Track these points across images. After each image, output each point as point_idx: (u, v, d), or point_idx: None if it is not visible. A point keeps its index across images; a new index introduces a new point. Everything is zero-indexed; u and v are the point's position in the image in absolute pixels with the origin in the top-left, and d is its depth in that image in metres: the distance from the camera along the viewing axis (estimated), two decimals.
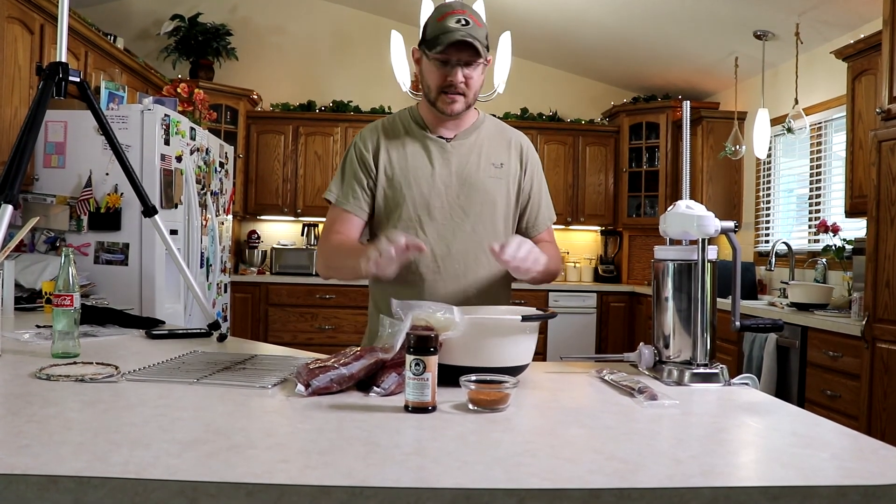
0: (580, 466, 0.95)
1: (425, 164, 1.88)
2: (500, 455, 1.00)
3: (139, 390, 1.35)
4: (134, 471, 0.88)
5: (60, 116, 3.61)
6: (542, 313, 1.51)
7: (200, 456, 0.95)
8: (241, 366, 1.61)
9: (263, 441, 1.04)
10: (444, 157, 1.89)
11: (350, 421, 1.16)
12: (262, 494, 0.85)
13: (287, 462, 0.94)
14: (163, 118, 3.68)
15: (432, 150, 1.89)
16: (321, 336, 5.84)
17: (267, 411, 1.23)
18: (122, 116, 3.62)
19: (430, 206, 1.87)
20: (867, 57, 3.75)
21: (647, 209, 6.42)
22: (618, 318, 6.15)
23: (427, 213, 1.86)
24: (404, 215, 1.87)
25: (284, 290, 5.94)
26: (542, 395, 1.44)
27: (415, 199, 1.86)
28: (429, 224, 1.86)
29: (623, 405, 1.34)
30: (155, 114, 3.63)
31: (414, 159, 1.88)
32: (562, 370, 1.70)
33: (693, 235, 1.59)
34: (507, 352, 1.45)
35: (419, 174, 1.87)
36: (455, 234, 1.88)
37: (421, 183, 1.87)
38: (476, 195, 1.89)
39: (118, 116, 3.61)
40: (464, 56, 1.77)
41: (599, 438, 1.10)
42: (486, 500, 0.85)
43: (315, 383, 1.31)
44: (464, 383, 1.27)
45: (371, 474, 0.89)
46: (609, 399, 1.39)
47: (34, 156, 3.60)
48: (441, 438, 1.07)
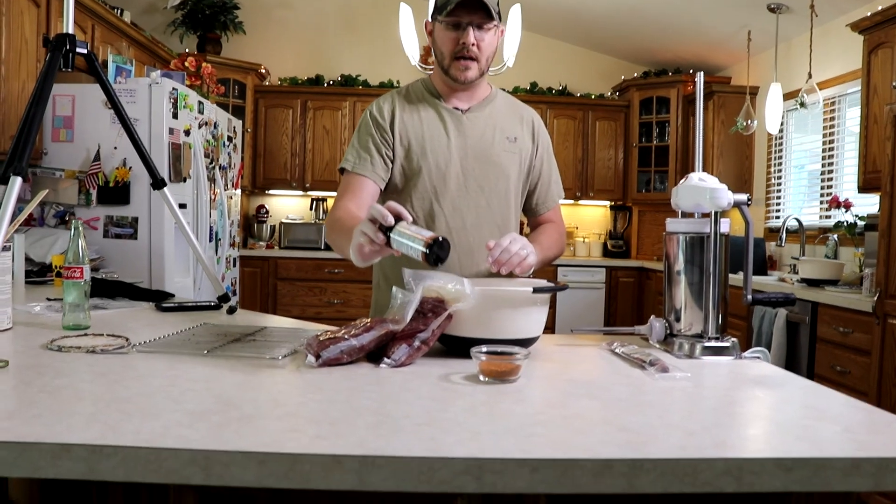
0: (592, 437, 0.95)
1: (441, 135, 1.87)
2: (512, 425, 0.99)
3: (150, 362, 1.35)
4: (146, 440, 0.88)
5: (68, 90, 3.60)
6: (553, 285, 1.51)
7: (211, 426, 0.95)
8: (251, 338, 1.61)
9: (274, 411, 1.04)
10: (460, 129, 1.88)
11: (361, 392, 1.16)
12: (274, 463, 0.85)
13: (298, 432, 0.94)
14: (171, 92, 3.66)
15: (448, 120, 1.88)
16: (330, 310, 5.85)
17: (277, 382, 1.23)
18: (130, 90, 3.61)
19: (446, 178, 1.85)
20: (884, 29, 3.69)
21: (656, 184, 6.39)
22: (626, 293, 6.14)
23: (443, 184, 1.85)
24: (420, 186, 1.85)
25: (293, 265, 5.95)
26: (553, 367, 1.44)
27: (431, 169, 1.85)
28: (444, 196, 1.85)
29: (634, 377, 1.33)
30: (163, 87, 3.61)
31: (430, 128, 1.87)
32: (572, 343, 1.70)
33: (705, 208, 1.58)
34: (518, 323, 1.44)
35: (435, 144, 1.86)
36: (470, 207, 1.87)
37: (437, 153, 1.85)
38: (491, 169, 1.88)
39: (126, 90, 3.60)
40: (475, 18, 1.76)
41: (611, 410, 1.09)
42: (498, 469, 0.85)
43: (325, 354, 1.31)
44: (475, 354, 1.27)
45: (382, 444, 0.89)
46: (620, 371, 1.39)
47: (42, 130, 3.59)
48: (452, 409, 1.07)
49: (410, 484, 0.85)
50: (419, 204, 1.86)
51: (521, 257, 1.61)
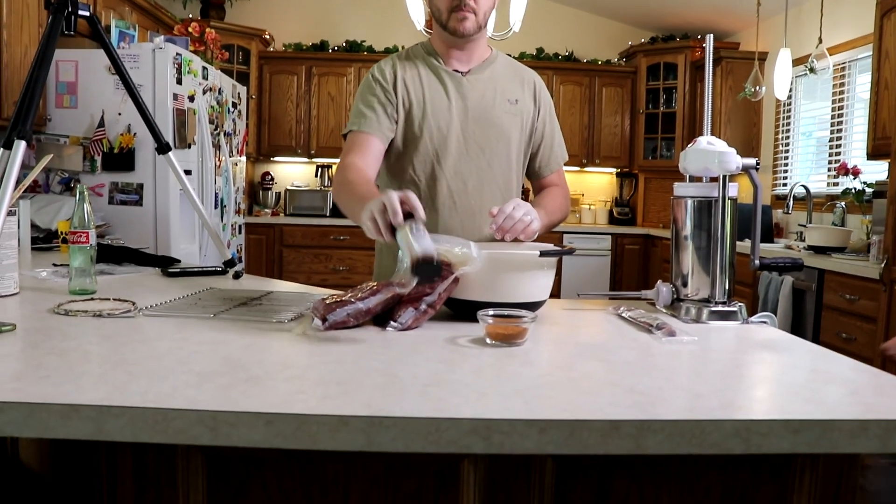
0: (600, 398, 0.95)
1: (442, 97, 1.85)
2: (519, 387, 0.99)
3: (156, 325, 1.35)
4: (153, 400, 0.88)
5: (71, 56, 3.57)
6: (559, 249, 1.50)
7: (219, 387, 0.95)
8: (258, 302, 1.61)
9: (281, 373, 1.04)
10: (460, 91, 1.86)
11: (367, 354, 1.16)
12: (281, 423, 0.85)
13: (305, 393, 0.94)
14: (174, 57, 3.63)
15: (448, 83, 1.86)
16: (335, 277, 5.87)
17: (284, 345, 1.23)
18: (133, 55, 3.58)
19: (447, 140, 1.84)
20: None
21: (663, 151, 6.35)
22: (632, 260, 6.13)
23: (444, 146, 1.84)
24: (421, 149, 1.84)
25: (298, 232, 5.95)
26: (560, 331, 1.43)
27: (432, 131, 1.84)
28: (445, 158, 1.84)
29: (641, 341, 1.33)
30: (166, 52, 3.58)
31: (431, 91, 1.85)
32: (578, 307, 1.70)
33: (714, 172, 1.56)
34: (525, 287, 1.44)
35: (436, 106, 1.84)
36: (471, 169, 1.86)
37: (438, 115, 1.84)
38: (492, 131, 1.86)
39: (129, 55, 3.57)
40: None
41: (618, 372, 1.09)
42: (506, 430, 0.85)
43: (332, 317, 1.31)
44: (481, 317, 1.26)
45: (390, 404, 0.89)
46: (627, 335, 1.39)
47: (46, 96, 3.57)
48: (459, 371, 1.07)
49: (418, 444, 0.85)
50: (420, 167, 1.84)
51: (525, 223, 1.60)
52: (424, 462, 1.05)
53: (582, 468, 1.06)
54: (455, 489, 1.05)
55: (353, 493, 1.05)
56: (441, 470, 1.05)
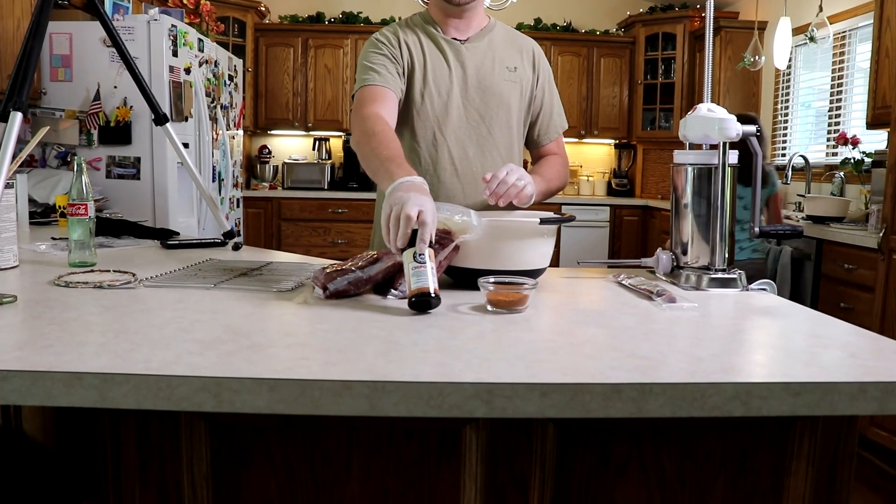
0: (601, 363, 0.95)
1: (442, 64, 1.84)
2: (521, 352, 1.00)
3: (157, 295, 1.35)
4: (157, 368, 0.89)
5: (65, 28, 3.54)
6: (559, 216, 1.50)
7: (221, 354, 0.95)
8: (258, 272, 1.61)
9: (283, 340, 1.04)
10: (459, 59, 1.85)
11: (369, 321, 1.16)
12: (284, 389, 0.85)
13: (307, 359, 0.94)
14: (170, 29, 3.60)
15: (447, 50, 1.85)
16: (334, 250, 5.86)
17: (285, 313, 1.23)
18: (128, 27, 3.54)
19: (448, 107, 1.84)
20: None
21: (661, 122, 6.32)
22: (631, 231, 6.13)
23: (445, 113, 1.84)
24: (423, 115, 1.83)
25: (296, 205, 5.94)
26: (560, 298, 1.44)
27: (433, 97, 1.83)
28: (447, 126, 1.84)
29: (641, 307, 1.33)
30: (162, 24, 3.55)
31: (431, 58, 1.84)
32: (578, 275, 1.70)
33: (714, 139, 1.56)
34: (525, 255, 1.44)
35: (437, 73, 1.84)
36: (471, 136, 1.85)
37: (439, 82, 1.83)
38: (492, 98, 1.86)
39: (124, 27, 3.53)
40: None
41: (619, 338, 1.10)
42: (508, 394, 0.85)
43: (332, 286, 1.31)
44: (482, 285, 1.27)
45: (392, 370, 0.90)
46: (627, 302, 1.39)
47: (40, 69, 3.54)
48: (461, 337, 1.07)
49: (421, 409, 0.85)
50: (422, 133, 1.84)
51: (518, 188, 1.59)
52: (426, 428, 1.05)
53: (583, 433, 1.06)
54: (457, 455, 1.06)
55: (355, 459, 1.06)
56: (443, 436, 1.05)
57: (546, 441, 1.05)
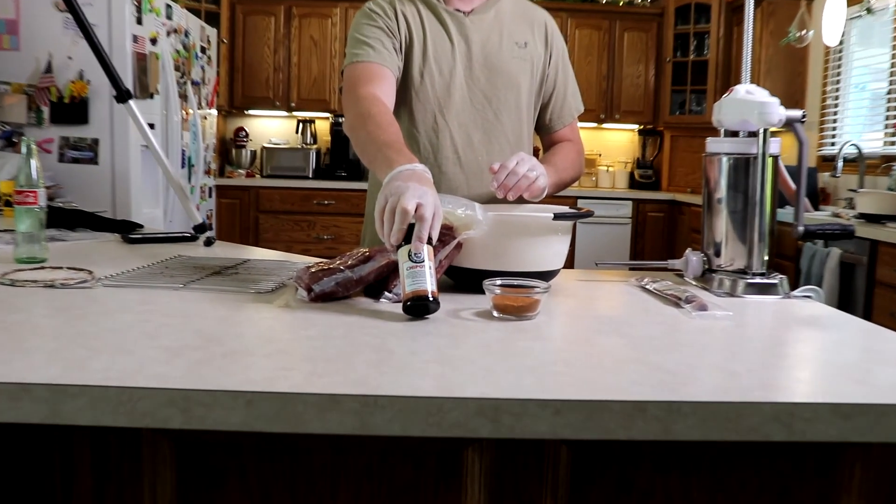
0: (622, 377, 0.96)
1: (444, 39, 1.84)
2: (531, 364, 1.00)
3: (118, 296, 1.35)
4: (117, 378, 0.89)
5: None
6: (575, 211, 1.50)
7: (192, 363, 0.95)
8: (233, 270, 1.61)
9: (263, 348, 1.04)
10: (463, 34, 1.85)
11: (360, 327, 1.16)
12: (264, 403, 0.86)
13: (290, 370, 0.94)
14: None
15: (449, 24, 1.85)
16: (319, 247, 5.88)
17: (265, 317, 1.23)
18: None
19: (450, 88, 1.84)
20: None
21: (692, 106, 6.33)
22: (656, 229, 6.14)
23: (447, 95, 1.84)
24: (422, 97, 1.84)
25: (277, 195, 5.95)
26: (576, 303, 1.44)
27: (434, 77, 1.83)
28: (449, 109, 1.84)
29: (668, 315, 1.34)
30: None
31: (432, 32, 1.84)
32: (596, 278, 1.70)
33: (753, 126, 1.56)
34: (537, 254, 1.44)
35: (438, 49, 1.84)
36: (476, 121, 1.86)
37: (441, 59, 1.84)
38: (499, 78, 1.86)
39: None
40: None
41: (643, 349, 1.10)
42: (517, 411, 0.86)
43: (318, 288, 1.32)
44: (488, 288, 1.27)
45: (386, 382, 0.90)
46: (652, 308, 1.39)
47: None
48: (463, 346, 1.08)
49: (418, 427, 0.85)
50: (421, 118, 1.84)
51: (530, 180, 1.60)
52: (423, 449, 1.06)
53: (601, 457, 1.06)
54: (457, 480, 1.06)
55: (343, 483, 1.06)
56: (442, 458, 1.05)
57: (559, 466, 1.06)
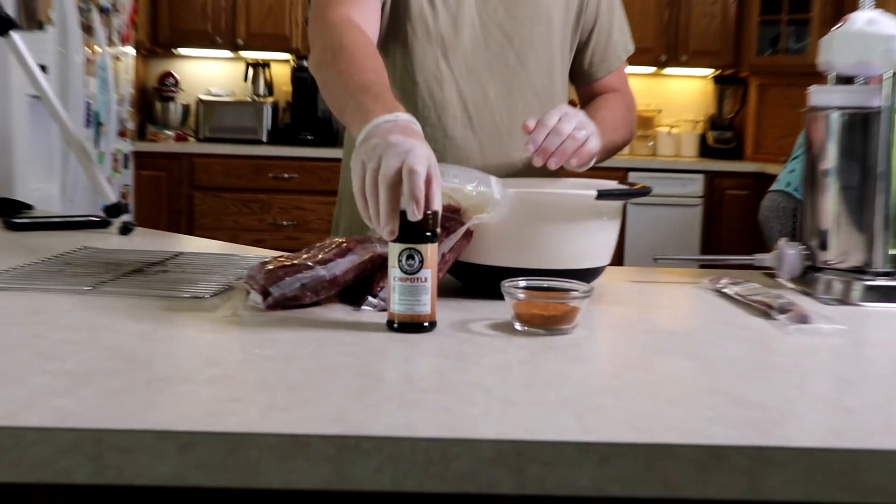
0: (692, 412, 0.96)
1: None
2: (567, 394, 1.00)
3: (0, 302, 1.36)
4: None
5: None
6: (626, 188, 1.50)
7: (104, 393, 0.95)
8: (161, 267, 1.62)
9: (202, 372, 1.05)
10: None
11: (334, 344, 1.17)
12: (204, 448, 0.85)
13: (241, 401, 0.95)
14: None
15: None
16: (277, 236, 5.87)
17: (205, 331, 1.24)
18: None
19: (457, 24, 1.84)
20: None
21: (789, 43, 6.32)
22: (736, 212, 6.13)
23: (453, 34, 1.84)
24: (420, 36, 1.84)
25: (219, 166, 5.94)
26: (627, 313, 1.45)
27: (437, 8, 1.83)
28: (455, 51, 1.84)
29: (755, 330, 1.34)
30: None
31: None
32: (655, 279, 1.71)
33: (875, 68, 1.56)
34: (575, 246, 1.45)
35: None
36: (493, 67, 1.86)
37: None
38: (522, 9, 1.87)
39: None
40: None
41: (720, 375, 1.10)
42: (549, 458, 0.86)
43: (278, 291, 1.32)
44: (508, 291, 1.27)
45: (371, 418, 0.90)
46: (732, 320, 1.40)
47: None
48: (475, 370, 1.08)
49: (414, 479, 0.85)
50: (420, 62, 1.84)
51: (578, 142, 1.60)
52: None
53: None
54: None
55: None
56: None
57: None
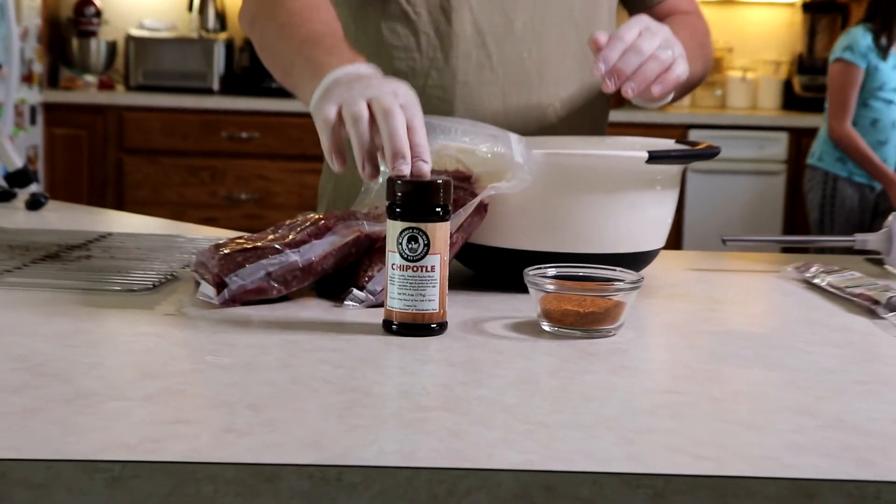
0: (772, 438, 0.96)
1: None
2: (610, 414, 1.01)
3: None
4: None
5: None
6: (687, 149, 1.51)
7: (11, 414, 0.96)
8: (83, 252, 1.63)
9: (138, 387, 1.05)
10: None
11: (310, 350, 1.18)
12: (141, 483, 0.85)
13: (189, 423, 0.95)
14: None
15: None
16: (233, 214, 5.87)
17: (142, 334, 1.25)
18: None
19: None
20: None
21: None
22: None
23: None
24: None
25: (156, 122, 5.94)
26: (688, 309, 1.46)
27: None
28: None
29: (856, 331, 1.35)
30: None
31: None
32: (724, 266, 1.71)
33: None
34: (619, 224, 1.46)
35: None
36: None
37: None
38: None
39: None
40: None
41: (810, 389, 1.11)
42: (586, 495, 0.86)
43: (236, 281, 1.33)
44: (533, 282, 1.28)
45: (357, 444, 0.90)
46: (824, 319, 1.41)
47: None
48: (491, 382, 1.09)
49: None
50: None
51: (663, 64, 1.57)
52: None
53: None
54: None
55: None
56: None
57: None
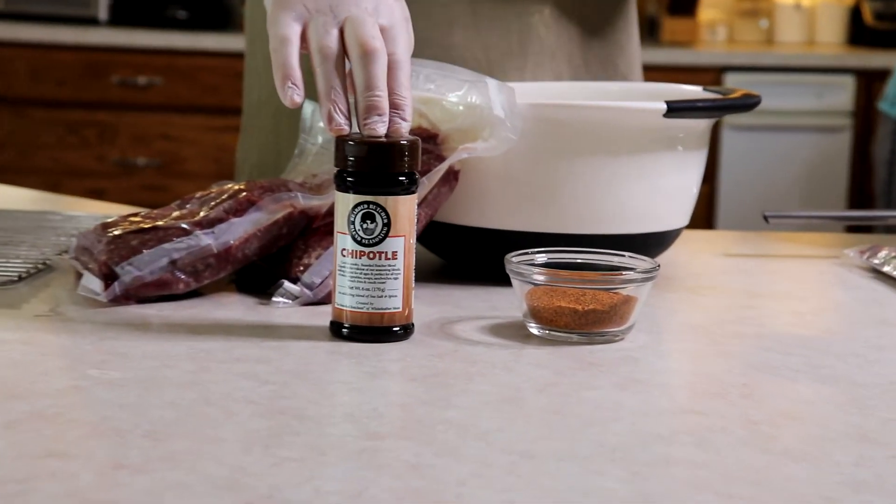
0: (827, 472, 0.97)
1: None
2: (616, 441, 1.02)
3: None
4: None
5: None
6: (718, 97, 1.52)
7: None
8: None
9: (3, 410, 1.06)
10: None
11: (228, 362, 1.19)
12: None
13: (66, 458, 0.95)
14: None
15: None
16: (128, 183, 5.88)
17: (5, 341, 1.26)
18: None
19: None
20: None
21: None
22: None
23: None
24: None
25: (23, 63, 5.96)
26: (719, 305, 1.48)
27: None
28: None
29: None
30: None
31: None
32: (765, 250, 1.73)
33: None
34: (629, 196, 1.47)
35: None
36: None
37: None
38: None
39: None
40: None
41: (875, 409, 1.12)
42: None
43: (130, 272, 1.33)
44: (518, 271, 1.29)
45: (287, 482, 0.90)
46: (892, 317, 1.42)
47: None
48: (462, 401, 1.10)
49: None
50: None
51: None
52: None
53: None
54: None
55: None
56: None
57: None
